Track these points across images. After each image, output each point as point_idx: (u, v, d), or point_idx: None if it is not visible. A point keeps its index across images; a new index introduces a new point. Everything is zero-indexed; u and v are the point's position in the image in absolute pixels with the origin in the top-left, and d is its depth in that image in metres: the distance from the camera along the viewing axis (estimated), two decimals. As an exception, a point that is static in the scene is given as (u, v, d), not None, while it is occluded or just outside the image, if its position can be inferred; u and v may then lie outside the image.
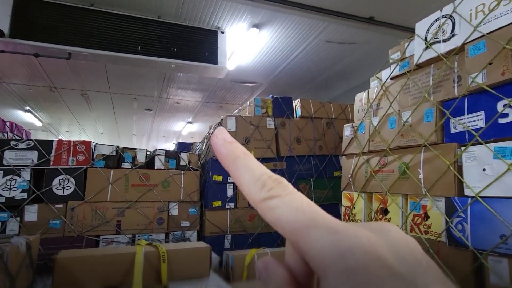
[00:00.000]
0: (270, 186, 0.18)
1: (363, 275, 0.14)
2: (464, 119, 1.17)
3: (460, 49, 1.23)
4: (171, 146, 9.84)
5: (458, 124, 1.19)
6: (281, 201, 0.17)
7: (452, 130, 1.22)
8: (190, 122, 7.50)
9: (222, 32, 3.31)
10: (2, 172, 1.80)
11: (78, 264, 1.18)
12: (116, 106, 6.24)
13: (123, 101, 5.91)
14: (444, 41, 1.30)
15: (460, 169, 1.15)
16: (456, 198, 1.12)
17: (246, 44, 3.71)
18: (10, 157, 1.83)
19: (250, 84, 5.23)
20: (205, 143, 2.97)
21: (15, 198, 1.80)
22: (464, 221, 1.08)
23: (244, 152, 0.20)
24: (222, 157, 0.20)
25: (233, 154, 0.20)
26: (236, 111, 3.10)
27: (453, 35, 1.26)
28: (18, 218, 1.79)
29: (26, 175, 1.84)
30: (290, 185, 0.18)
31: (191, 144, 4.25)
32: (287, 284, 0.18)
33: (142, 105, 6.22)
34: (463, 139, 1.17)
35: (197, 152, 3.17)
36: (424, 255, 0.17)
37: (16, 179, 1.82)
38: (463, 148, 1.14)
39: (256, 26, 3.40)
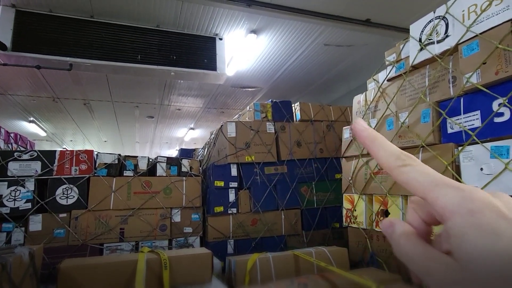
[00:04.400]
0: (403, 158, 0.24)
1: (481, 216, 0.19)
2: (461, 119, 1.18)
3: (454, 50, 1.24)
4: (174, 153, 9.88)
5: (454, 124, 1.19)
6: (413, 168, 0.23)
7: (449, 130, 1.22)
8: (192, 128, 7.55)
9: (220, 39, 3.35)
10: (6, 183, 1.82)
11: (82, 273, 1.19)
12: (119, 114, 6.30)
13: (125, 109, 5.96)
14: (438, 42, 1.31)
15: (458, 169, 1.15)
16: (455, 198, 1.12)
17: (244, 50, 3.74)
18: (14, 168, 1.86)
19: (250, 89, 5.26)
20: (206, 149, 2.99)
21: (20, 209, 1.82)
22: (464, 221, 1.08)
23: (380, 135, 0.26)
24: (364, 139, 0.26)
25: (372, 136, 0.26)
26: (235, 116, 3.12)
27: (447, 36, 1.27)
28: (23, 228, 1.81)
29: (30, 185, 1.86)
30: (418, 159, 0.24)
31: (193, 150, 4.27)
32: (411, 232, 0.23)
33: (144, 113, 6.27)
34: (460, 139, 1.17)
35: (198, 158, 3.19)
36: None
37: (20, 190, 1.84)
38: (460, 148, 1.14)
39: (254, 32, 3.43)
